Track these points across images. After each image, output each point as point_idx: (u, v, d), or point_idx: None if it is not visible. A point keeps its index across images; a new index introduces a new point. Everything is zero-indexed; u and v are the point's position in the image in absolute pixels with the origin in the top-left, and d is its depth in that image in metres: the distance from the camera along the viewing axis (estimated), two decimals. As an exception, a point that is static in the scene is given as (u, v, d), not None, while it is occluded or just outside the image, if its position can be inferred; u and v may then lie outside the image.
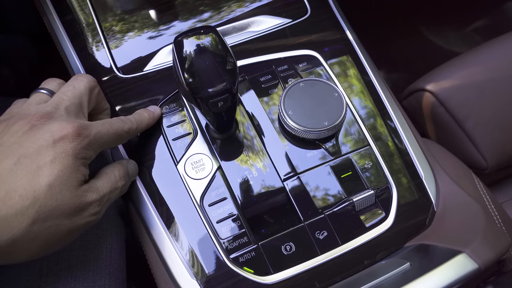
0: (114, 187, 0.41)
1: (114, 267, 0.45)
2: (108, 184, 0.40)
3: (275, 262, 0.45)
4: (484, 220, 0.47)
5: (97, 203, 0.38)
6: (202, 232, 0.46)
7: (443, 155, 0.65)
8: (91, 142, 0.38)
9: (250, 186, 0.47)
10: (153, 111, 0.49)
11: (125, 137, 0.43)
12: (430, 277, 0.41)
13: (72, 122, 0.37)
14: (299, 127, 0.47)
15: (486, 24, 1.30)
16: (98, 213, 0.38)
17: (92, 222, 0.38)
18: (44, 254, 0.37)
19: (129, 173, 0.44)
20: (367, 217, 0.48)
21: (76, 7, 0.56)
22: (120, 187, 0.42)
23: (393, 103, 0.55)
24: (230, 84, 0.39)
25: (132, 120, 0.45)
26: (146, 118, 0.47)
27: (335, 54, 0.56)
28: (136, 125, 0.45)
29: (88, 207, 0.37)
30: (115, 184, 0.41)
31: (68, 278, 0.41)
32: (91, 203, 0.37)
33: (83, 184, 0.37)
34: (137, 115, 0.46)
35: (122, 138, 0.43)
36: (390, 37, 1.29)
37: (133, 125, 0.44)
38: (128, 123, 0.44)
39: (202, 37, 0.39)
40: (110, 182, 0.40)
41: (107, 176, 0.41)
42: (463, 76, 0.81)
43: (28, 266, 0.40)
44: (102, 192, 0.39)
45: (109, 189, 0.40)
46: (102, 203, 0.38)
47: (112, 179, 0.41)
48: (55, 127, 0.36)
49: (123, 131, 0.43)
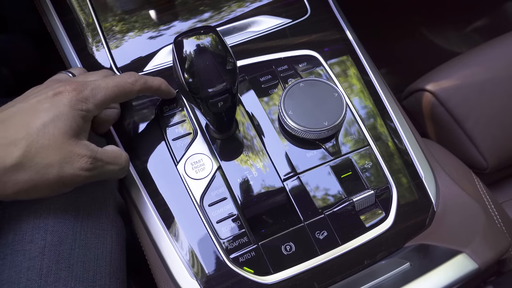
0: (115, 161, 0.42)
1: (115, 266, 0.45)
2: (110, 155, 0.42)
3: (275, 262, 0.45)
4: (484, 220, 0.47)
5: (90, 160, 0.39)
6: (202, 232, 0.46)
7: (443, 155, 0.65)
8: (88, 96, 0.40)
9: (250, 186, 0.47)
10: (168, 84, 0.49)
11: (130, 89, 0.44)
12: (430, 277, 0.41)
13: (71, 82, 0.41)
14: (299, 127, 0.47)
15: (486, 24, 1.30)
16: (88, 170, 0.39)
17: (80, 178, 0.39)
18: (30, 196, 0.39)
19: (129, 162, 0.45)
20: (367, 217, 0.48)
21: (76, 7, 0.56)
22: (121, 165, 0.43)
23: (393, 103, 0.55)
24: (230, 84, 0.40)
25: (143, 75, 0.45)
26: (159, 80, 0.47)
27: (335, 54, 0.56)
28: (145, 80, 0.45)
29: (79, 159, 0.38)
30: (119, 159, 0.43)
31: (68, 278, 0.41)
32: (82, 156, 0.38)
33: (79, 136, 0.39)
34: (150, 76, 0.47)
35: (127, 91, 0.43)
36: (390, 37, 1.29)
37: (141, 79, 0.45)
38: (135, 76, 0.44)
39: (202, 37, 0.39)
40: (114, 155, 0.42)
41: (112, 150, 0.43)
42: (463, 76, 0.81)
43: (28, 266, 0.40)
44: (97, 155, 0.40)
45: (109, 160, 0.41)
46: (95, 164, 0.39)
47: (117, 153, 0.43)
48: (56, 86, 0.40)
49: (127, 82, 0.43)
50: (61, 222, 0.42)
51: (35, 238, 0.40)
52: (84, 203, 0.44)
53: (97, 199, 0.46)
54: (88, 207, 0.44)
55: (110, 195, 0.47)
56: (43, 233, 0.41)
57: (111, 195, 0.47)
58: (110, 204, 0.47)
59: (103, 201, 0.46)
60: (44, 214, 0.41)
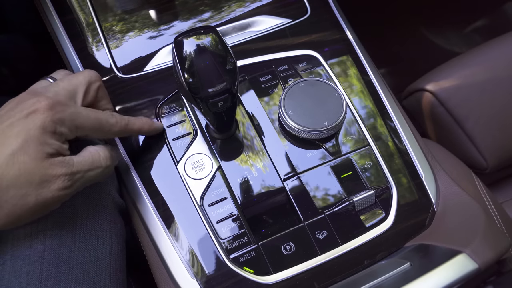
0: (94, 165, 0.40)
1: (115, 268, 0.45)
2: (87, 161, 0.40)
3: (275, 262, 0.45)
4: (484, 220, 0.47)
5: (67, 178, 0.37)
6: (202, 232, 0.46)
7: (443, 155, 0.65)
8: (64, 119, 0.37)
9: (250, 186, 0.47)
10: (154, 121, 0.48)
11: (109, 129, 0.42)
12: (430, 277, 0.41)
13: (48, 98, 0.37)
14: (299, 127, 0.47)
15: (486, 24, 1.30)
16: (68, 187, 0.37)
17: (62, 197, 0.38)
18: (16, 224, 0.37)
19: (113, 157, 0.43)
20: (367, 217, 0.48)
21: (76, 7, 0.56)
22: (104, 166, 0.41)
23: (393, 103, 0.55)
24: (230, 84, 0.39)
25: (125, 117, 0.44)
26: (141, 122, 0.46)
27: (335, 54, 0.56)
28: (127, 123, 0.44)
29: (56, 180, 0.36)
30: (97, 163, 0.40)
31: (68, 281, 0.41)
32: (59, 176, 0.36)
33: (53, 157, 0.37)
34: (134, 117, 0.46)
35: (105, 129, 0.42)
36: (390, 37, 1.29)
37: (122, 121, 0.43)
38: (118, 118, 0.43)
39: (202, 37, 0.39)
40: (91, 159, 0.40)
41: (90, 154, 0.40)
42: (463, 76, 0.81)
43: (28, 271, 0.40)
44: (75, 168, 0.38)
45: (87, 167, 0.39)
46: (73, 178, 0.38)
47: (95, 157, 0.41)
48: (31, 102, 0.37)
49: (108, 122, 0.42)
50: (60, 225, 0.42)
51: (34, 242, 0.40)
52: (82, 205, 0.44)
53: (95, 200, 0.46)
54: (86, 209, 0.44)
55: (107, 196, 0.47)
56: (42, 237, 0.41)
57: (109, 196, 0.47)
58: (108, 205, 0.47)
59: (101, 202, 0.46)
60: (42, 218, 0.40)
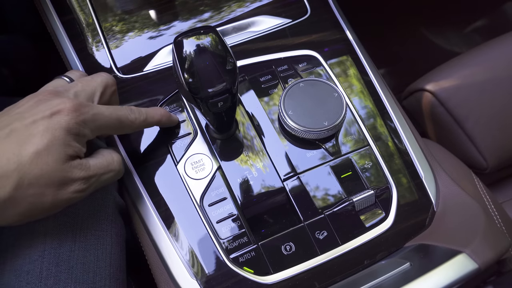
0: (109, 169, 0.41)
1: (114, 268, 0.45)
2: (102, 165, 0.40)
3: (275, 262, 0.45)
4: (484, 220, 0.47)
5: (84, 181, 0.38)
6: (202, 232, 0.46)
7: (443, 155, 0.65)
8: (87, 120, 0.38)
9: (250, 186, 0.47)
10: (171, 114, 0.48)
11: (129, 125, 0.43)
12: (430, 277, 0.41)
13: (73, 100, 0.38)
14: (299, 127, 0.47)
15: (486, 24, 1.30)
16: (83, 191, 0.38)
17: (76, 199, 0.38)
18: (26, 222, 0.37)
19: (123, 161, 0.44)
20: (367, 217, 0.48)
21: (76, 7, 0.56)
22: (116, 170, 0.42)
23: (393, 103, 0.55)
24: (230, 84, 0.40)
25: (143, 111, 0.44)
26: (158, 114, 0.46)
27: (335, 54, 0.56)
28: (145, 117, 0.44)
29: (73, 183, 0.37)
30: (111, 166, 0.41)
31: (68, 280, 0.41)
32: (77, 180, 0.37)
33: (73, 159, 0.37)
34: (151, 109, 0.46)
35: (125, 126, 0.42)
36: (390, 37, 1.29)
37: (141, 116, 0.44)
38: (137, 113, 0.43)
39: (202, 37, 0.39)
40: (106, 163, 0.40)
41: (103, 158, 0.41)
42: (463, 76, 0.81)
43: (28, 270, 0.40)
44: (92, 172, 0.38)
45: (103, 170, 0.40)
46: (89, 182, 0.38)
47: (109, 160, 0.41)
48: (56, 102, 0.37)
49: (128, 119, 0.42)
50: (61, 224, 0.42)
51: (35, 241, 0.41)
52: (83, 205, 0.44)
53: (96, 200, 0.46)
54: (87, 209, 0.44)
55: (109, 196, 0.47)
56: (43, 237, 0.41)
57: (110, 196, 0.47)
58: (109, 205, 0.47)
59: (102, 202, 0.46)
60: (43, 218, 0.40)
